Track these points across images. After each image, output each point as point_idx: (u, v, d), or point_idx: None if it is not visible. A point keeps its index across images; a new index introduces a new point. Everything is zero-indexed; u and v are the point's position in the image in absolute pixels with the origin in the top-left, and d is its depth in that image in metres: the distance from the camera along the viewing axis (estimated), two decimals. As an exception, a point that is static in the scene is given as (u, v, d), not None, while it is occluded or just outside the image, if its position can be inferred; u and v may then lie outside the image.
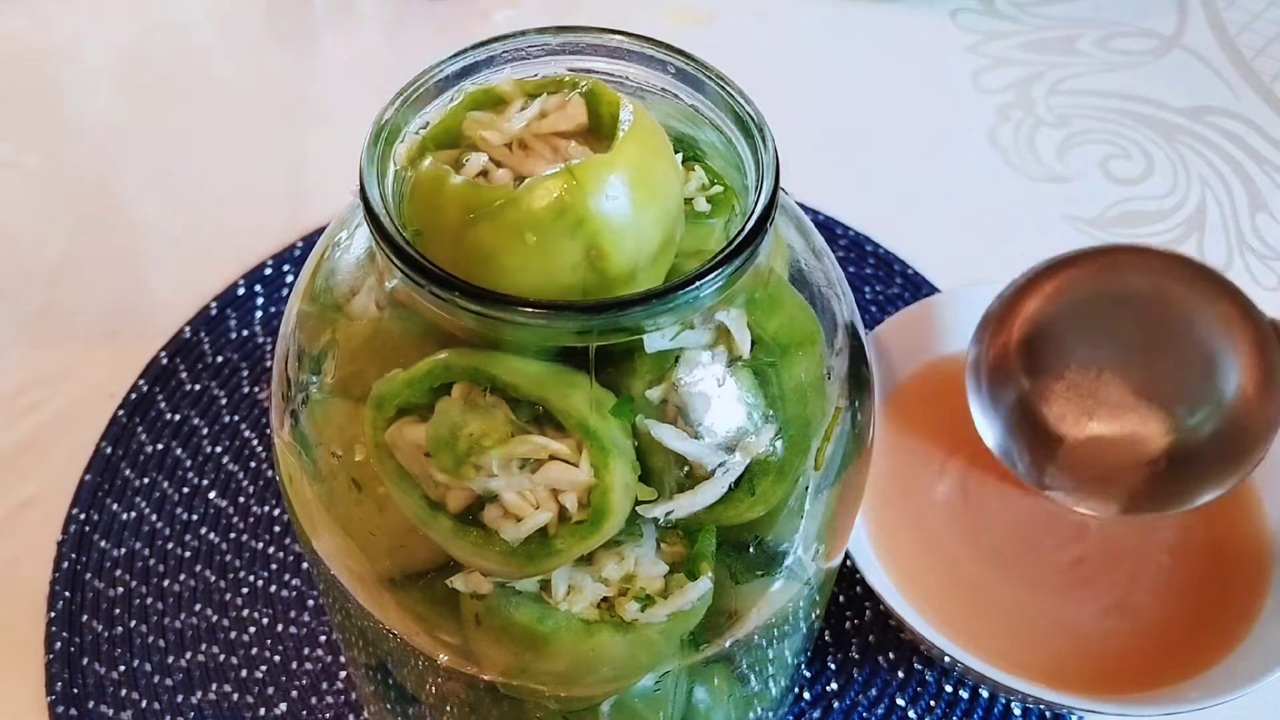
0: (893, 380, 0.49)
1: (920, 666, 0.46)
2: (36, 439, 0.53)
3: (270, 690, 0.45)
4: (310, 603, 0.47)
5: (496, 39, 0.27)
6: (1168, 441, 0.45)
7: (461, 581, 0.26)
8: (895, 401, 0.49)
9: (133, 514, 0.50)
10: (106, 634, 0.46)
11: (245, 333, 0.56)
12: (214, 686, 0.45)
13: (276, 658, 0.46)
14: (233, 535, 0.49)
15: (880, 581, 0.41)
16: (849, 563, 0.42)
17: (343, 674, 0.45)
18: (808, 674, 0.45)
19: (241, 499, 0.50)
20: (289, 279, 0.59)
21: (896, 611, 0.40)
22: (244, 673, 0.45)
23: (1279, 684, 0.39)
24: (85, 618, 0.46)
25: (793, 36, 0.75)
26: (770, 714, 0.40)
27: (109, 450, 0.51)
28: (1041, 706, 0.44)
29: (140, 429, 0.52)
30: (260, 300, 0.58)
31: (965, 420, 0.49)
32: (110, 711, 0.44)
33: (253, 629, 0.46)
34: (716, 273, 0.23)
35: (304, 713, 0.44)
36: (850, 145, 0.67)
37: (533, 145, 0.25)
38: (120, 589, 0.47)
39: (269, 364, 0.55)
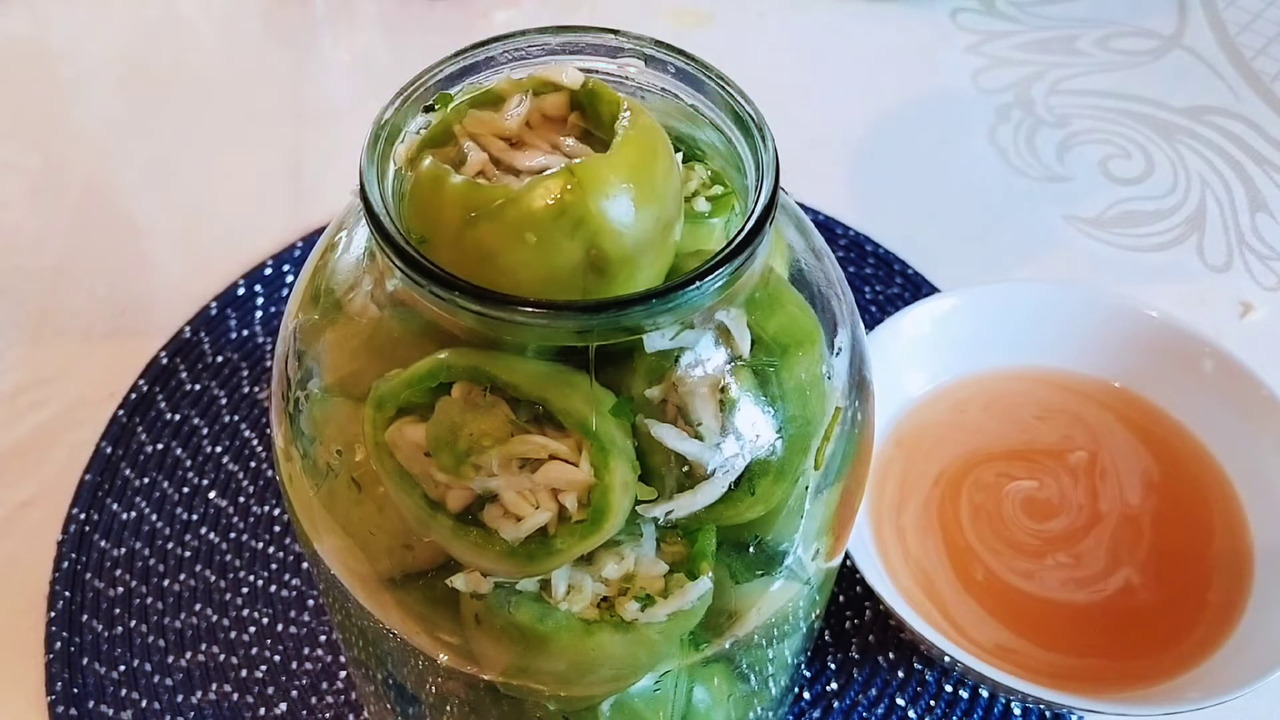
0: (893, 380, 0.49)
1: (920, 666, 0.46)
2: (36, 439, 0.53)
3: (270, 690, 0.45)
4: (310, 603, 0.47)
5: (496, 39, 0.27)
6: None
7: (461, 581, 0.26)
8: (896, 401, 0.49)
9: (133, 514, 0.50)
10: (106, 634, 0.46)
11: (245, 333, 0.56)
12: (214, 686, 0.45)
13: (276, 658, 0.46)
14: (233, 535, 0.49)
15: (880, 581, 0.41)
16: (849, 563, 0.42)
17: (343, 674, 0.45)
18: (808, 674, 0.45)
19: (241, 499, 0.50)
20: (289, 279, 0.59)
21: (896, 611, 0.40)
22: (244, 673, 0.45)
23: (1278, 684, 0.39)
24: (85, 618, 0.46)
25: (793, 36, 0.75)
26: (770, 714, 0.40)
27: (109, 450, 0.51)
28: (1041, 706, 0.44)
29: (140, 429, 0.52)
30: (260, 300, 0.58)
31: (966, 419, 0.49)
32: (110, 711, 0.44)
33: (253, 629, 0.46)
34: (716, 273, 0.23)
35: (304, 713, 0.44)
36: (850, 145, 0.67)
37: (532, 144, 0.25)
38: (120, 589, 0.47)
39: (269, 364, 0.55)
